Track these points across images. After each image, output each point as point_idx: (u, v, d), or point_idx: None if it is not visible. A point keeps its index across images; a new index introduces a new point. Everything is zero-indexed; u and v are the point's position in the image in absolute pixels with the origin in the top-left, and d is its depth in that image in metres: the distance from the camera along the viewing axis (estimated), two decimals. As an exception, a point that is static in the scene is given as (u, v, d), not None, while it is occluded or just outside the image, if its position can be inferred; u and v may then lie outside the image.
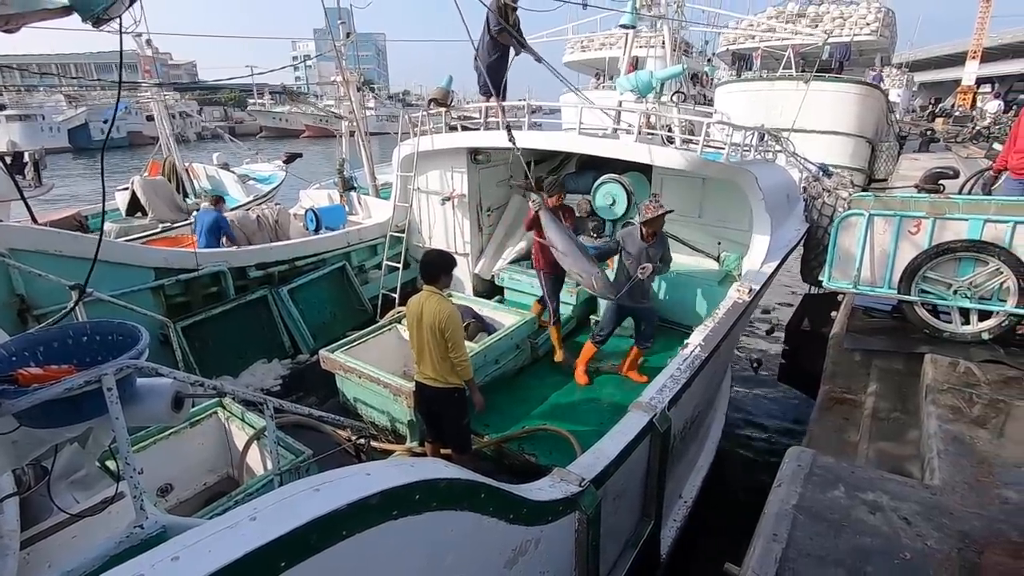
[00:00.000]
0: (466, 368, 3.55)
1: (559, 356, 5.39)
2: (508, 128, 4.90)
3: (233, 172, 12.04)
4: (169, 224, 8.13)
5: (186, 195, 10.15)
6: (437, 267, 3.50)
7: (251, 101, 54.76)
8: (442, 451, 4.10)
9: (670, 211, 4.59)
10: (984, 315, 4.61)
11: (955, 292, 4.56)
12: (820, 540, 2.43)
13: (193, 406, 4.12)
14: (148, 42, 9.48)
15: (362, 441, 3.62)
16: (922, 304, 4.76)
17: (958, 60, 39.64)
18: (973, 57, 34.32)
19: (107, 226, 8.21)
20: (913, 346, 4.66)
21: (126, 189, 9.21)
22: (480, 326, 5.55)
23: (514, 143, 4.84)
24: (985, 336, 4.52)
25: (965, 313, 4.67)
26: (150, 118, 12.21)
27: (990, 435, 3.36)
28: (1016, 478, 2.97)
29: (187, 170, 10.42)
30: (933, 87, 49.61)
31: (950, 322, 4.71)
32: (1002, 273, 4.36)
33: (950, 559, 2.36)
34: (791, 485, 2.72)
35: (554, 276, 5.30)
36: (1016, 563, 2.34)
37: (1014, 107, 27.00)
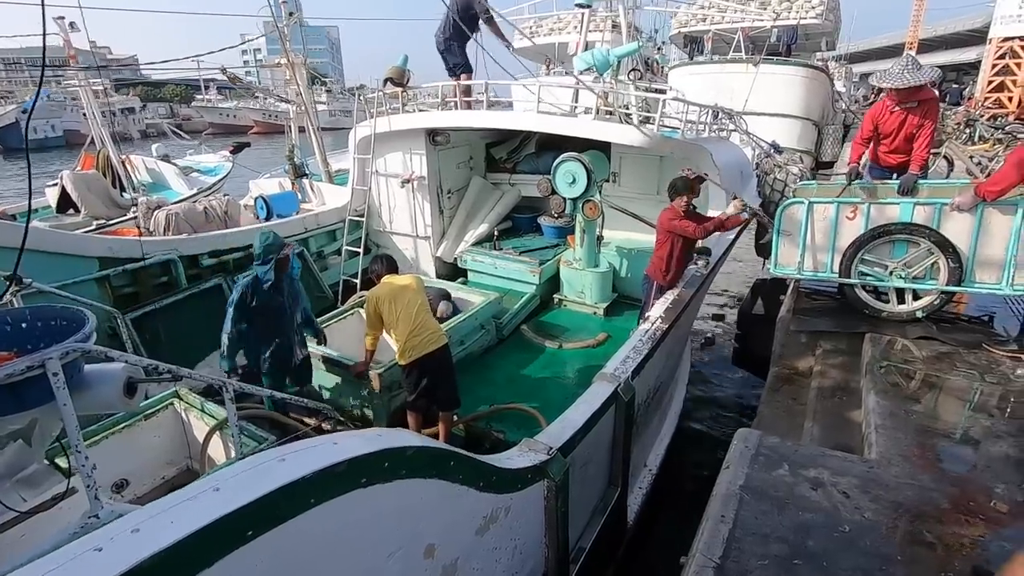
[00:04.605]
0: None
1: None
2: None
3: (175, 164, 11.46)
4: (104, 221, 7.69)
5: (123, 189, 9.60)
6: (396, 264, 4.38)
7: (198, 97, 52.40)
8: (426, 431, 4.16)
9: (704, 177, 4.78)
10: (918, 294, 4.87)
11: (891, 273, 4.79)
12: (765, 518, 2.54)
13: (147, 397, 3.98)
14: (71, 25, 8.81)
15: (327, 425, 3.58)
16: (863, 286, 4.98)
17: (896, 51, 41.26)
18: (910, 48, 35.88)
19: (37, 224, 7.71)
20: (855, 326, 4.87)
21: (56, 184, 8.62)
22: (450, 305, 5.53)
23: None
24: (919, 314, 4.77)
25: (901, 293, 4.92)
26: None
27: (924, 408, 3.57)
28: (946, 448, 3.18)
29: (124, 163, 9.83)
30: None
31: (887, 302, 4.96)
32: (932, 254, 4.61)
33: (885, 529, 2.51)
34: (738, 466, 2.84)
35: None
36: (943, 527, 2.51)
37: (947, 96, 28.41)
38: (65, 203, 8.36)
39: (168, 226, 7.22)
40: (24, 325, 2.18)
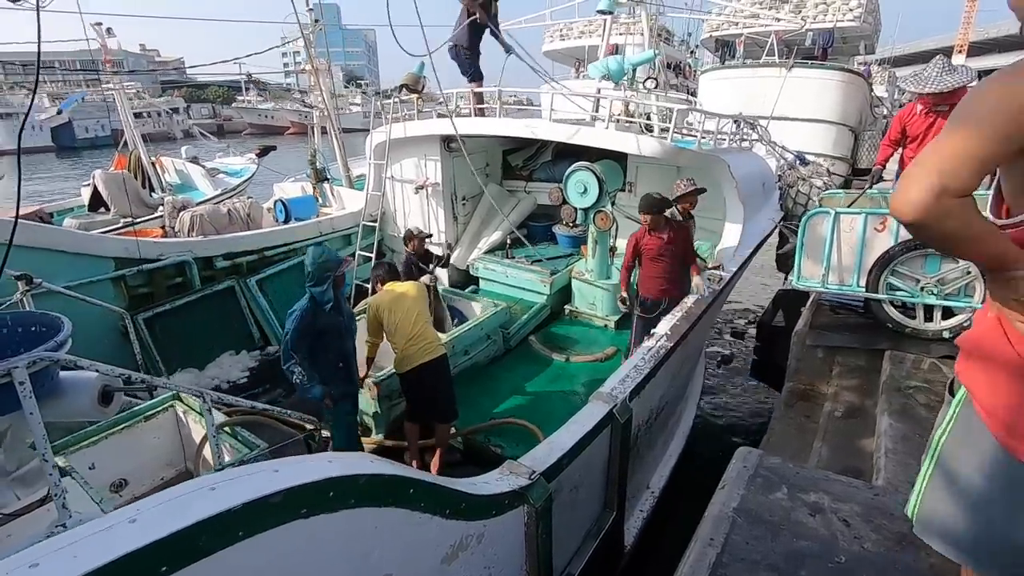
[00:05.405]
0: None
1: None
2: None
3: (202, 166, 11.87)
4: (132, 219, 7.97)
5: (152, 189, 9.95)
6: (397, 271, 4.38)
7: (239, 98, 54.05)
8: (423, 442, 4.10)
9: (703, 189, 4.63)
10: (947, 313, 4.61)
11: (922, 289, 4.55)
12: (756, 544, 2.38)
13: (152, 396, 4.02)
14: (109, 31, 9.20)
15: (326, 432, 3.56)
16: (890, 301, 4.75)
17: (944, 55, 39.65)
18: (960, 51, 34.38)
19: (67, 221, 8.04)
20: (875, 342, 4.65)
21: (89, 184, 9.00)
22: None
23: None
24: (947, 334, 4.52)
25: (929, 310, 4.68)
26: (137, 115, 12.05)
27: None
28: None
29: (154, 164, 10.20)
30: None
31: (914, 317, 4.71)
32: (970, 273, 4.34)
33: (884, 562, 2.32)
34: (734, 487, 2.67)
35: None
36: (949, 565, 2.30)
37: None
38: (96, 202, 8.68)
39: (192, 227, 7.40)
40: (5, 331, 2.20)
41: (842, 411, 4.00)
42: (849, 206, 4.66)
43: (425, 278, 5.03)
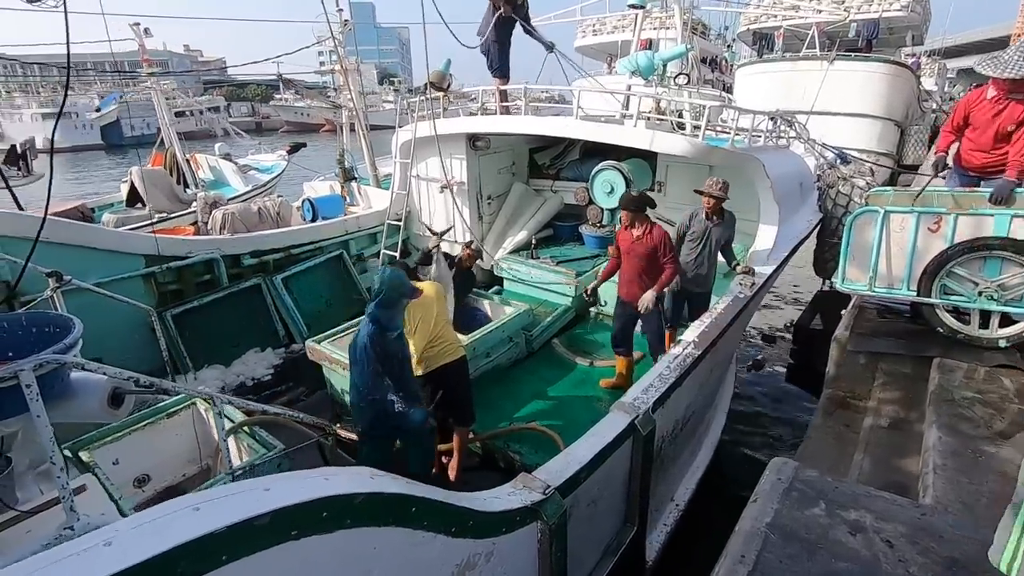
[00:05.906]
0: None
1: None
2: None
3: (234, 162, 12.18)
4: (166, 214, 8.18)
5: (187, 185, 10.25)
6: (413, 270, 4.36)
7: (276, 96, 55.31)
8: (442, 447, 4.03)
9: (726, 197, 4.49)
10: (1005, 321, 4.30)
11: (980, 293, 4.25)
12: (790, 563, 2.21)
13: (177, 394, 4.06)
14: (146, 31, 9.49)
15: (343, 433, 3.52)
16: (943, 306, 4.46)
17: (1000, 45, 37.60)
18: (1019, 39, 32.59)
19: (105, 216, 8.30)
20: (922, 349, 4.38)
21: (127, 181, 9.30)
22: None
23: None
24: (1003, 343, 4.21)
25: (985, 316, 4.37)
26: (179, 114, 12.39)
27: (995, 450, 3.07)
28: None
29: (188, 160, 10.50)
30: (974, 74, 47.00)
31: (968, 323, 4.41)
32: None
33: None
34: (767, 501, 2.50)
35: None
36: None
37: None
38: (134, 197, 8.96)
39: (224, 225, 7.54)
40: (20, 332, 2.21)
41: (886, 422, 3.77)
42: (914, 201, 4.35)
43: (432, 241, 5.04)
